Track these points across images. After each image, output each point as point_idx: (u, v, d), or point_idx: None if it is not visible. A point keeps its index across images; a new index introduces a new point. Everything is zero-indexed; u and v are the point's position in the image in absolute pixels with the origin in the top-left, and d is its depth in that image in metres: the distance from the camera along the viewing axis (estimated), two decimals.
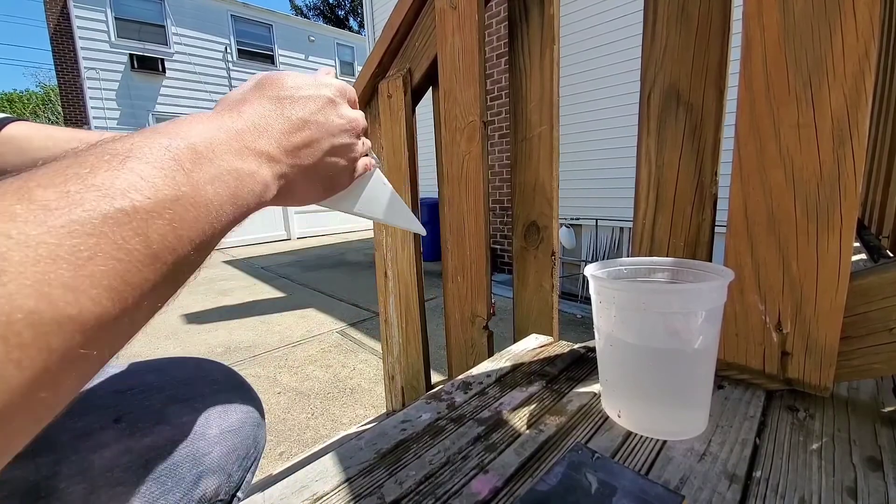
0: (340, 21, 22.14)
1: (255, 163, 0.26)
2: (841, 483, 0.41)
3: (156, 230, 0.19)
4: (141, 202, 0.18)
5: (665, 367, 0.47)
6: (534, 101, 0.85)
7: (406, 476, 0.45)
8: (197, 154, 0.22)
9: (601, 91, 3.62)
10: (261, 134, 0.27)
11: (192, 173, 0.21)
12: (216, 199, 0.22)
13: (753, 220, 0.56)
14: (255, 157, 0.26)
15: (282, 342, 2.81)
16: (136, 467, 0.33)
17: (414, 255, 1.12)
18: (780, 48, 0.51)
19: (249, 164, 0.25)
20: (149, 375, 0.40)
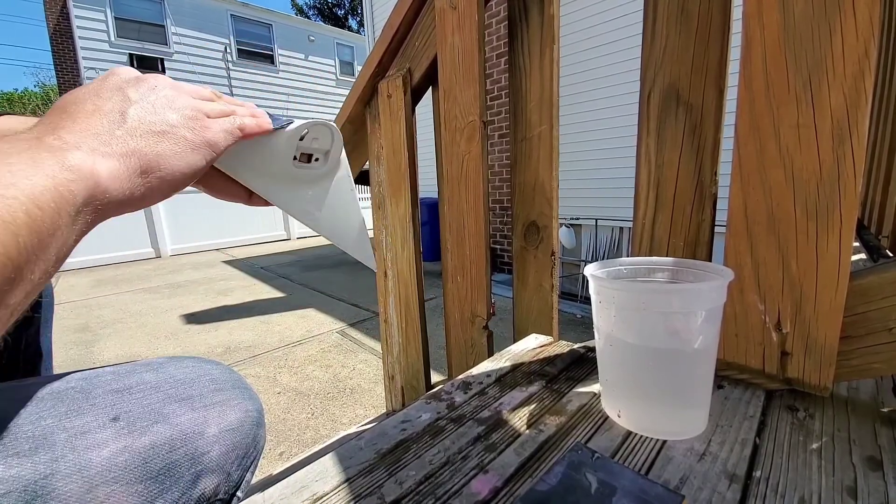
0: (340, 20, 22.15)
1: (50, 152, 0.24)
2: (841, 483, 0.41)
3: None
4: None
5: (665, 366, 0.47)
6: (534, 100, 0.85)
7: (406, 476, 0.45)
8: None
9: (601, 91, 3.62)
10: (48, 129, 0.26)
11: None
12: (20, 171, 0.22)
13: (753, 219, 0.56)
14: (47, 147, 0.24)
15: (282, 342, 2.81)
16: (134, 466, 0.33)
17: (414, 255, 1.12)
18: (780, 48, 0.51)
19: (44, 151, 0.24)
20: (147, 374, 0.40)
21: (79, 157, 0.24)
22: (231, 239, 7.52)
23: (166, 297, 4.13)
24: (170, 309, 3.68)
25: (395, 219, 1.15)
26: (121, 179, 0.26)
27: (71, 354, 2.69)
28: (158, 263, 6.13)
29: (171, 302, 3.92)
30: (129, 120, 0.28)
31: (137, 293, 4.32)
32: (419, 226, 1.13)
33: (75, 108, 0.28)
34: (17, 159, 0.22)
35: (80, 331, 3.16)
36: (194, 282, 4.76)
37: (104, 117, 0.27)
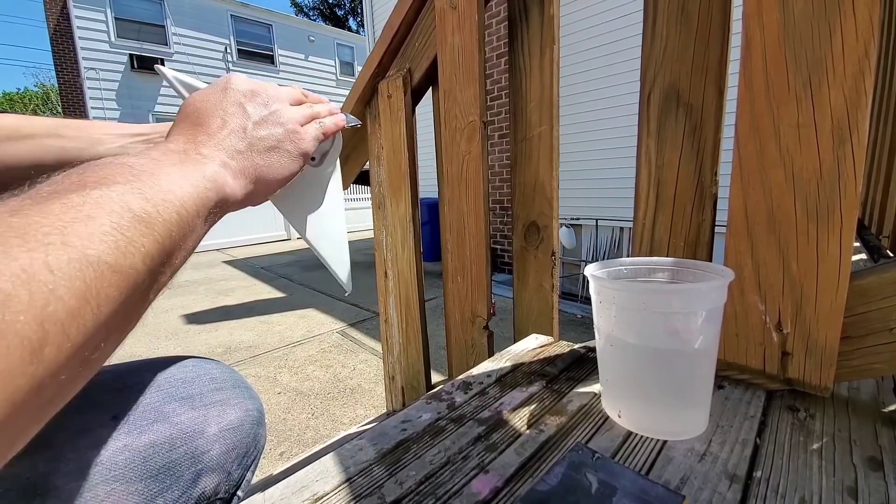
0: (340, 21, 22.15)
1: (194, 163, 0.31)
2: (841, 483, 0.41)
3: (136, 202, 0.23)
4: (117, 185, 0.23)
5: (665, 367, 0.47)
6: (534, 101, 0.85)
7: (406, 476, 0.45)
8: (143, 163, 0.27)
9: (601, 91, 3.62)
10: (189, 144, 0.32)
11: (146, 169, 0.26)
12: (175, 183, 0.27)
13: (753, 219, 0.56)
14: (191, 159, 0.31)
15: (282, 342, 2.81)
16: (135, 465, 0.33)
17: (414, 256, 1.12)
18: (780, 48, 0.51)
19: (190, 164, 0.30)
20: (148, 374, 0.40)
21: (213, 171, 0.31)
22: (231, 239, 7.52)
23: (166, 297, 4.13)
24: (170, 309, 3.69)
25: (396, 219, 1.15)
26: (240, 187, 0.33)
27: None
28: None
29: (172, 302, 3.92)
30: (249, 136, 0.35)
31: None
32: (419, 226, 1.13)
33: (207, 121, 0.34)
34: (171, 170, 0.28)
35: None
36: (194, 282, 4.76)
37: (231, 135, 0.34)
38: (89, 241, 0.20)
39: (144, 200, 0.24)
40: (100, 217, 0.21)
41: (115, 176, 0.24)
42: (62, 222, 0.19)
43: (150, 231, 0.24)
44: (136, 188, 0.24)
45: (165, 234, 0.25)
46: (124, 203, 0.23)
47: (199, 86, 0.43)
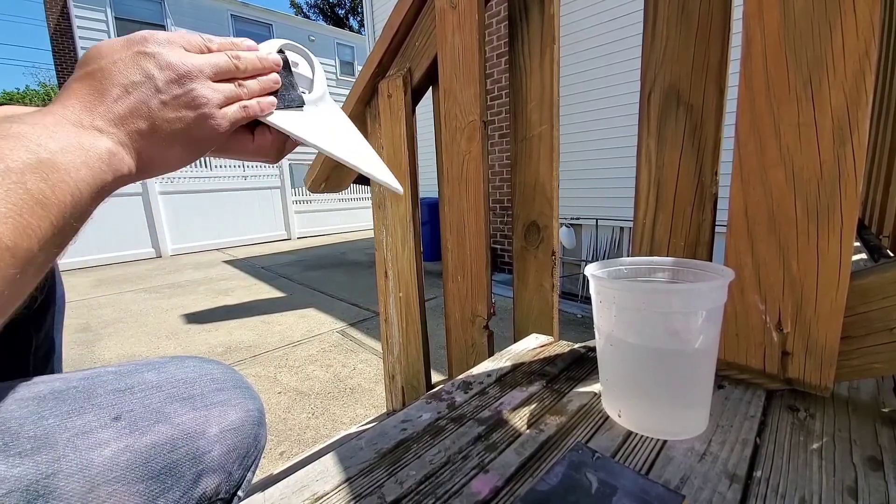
0: (340, 20, 22.13)
1: (90, 136, 0.29)
2: (841, 483, 0.41)
3: (32, 183, 0.24)
4: (12, 164, 0.24)
5: (665, 366, 0.47)
6: (534, 100, 0.85)
7: (406, 476, 0.45)
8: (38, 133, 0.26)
9: (601, 91, 3.62)
10: (85, 112, 0.29)
11: (44, 145, 0.26)
12: (71, 164, 0.27)
13: (754, 219, 0.56)
14: (87, 131, 0.29)
15: (282, 342, 2.81)
16: (136, 466, 0.33)
17: (414, 255, 1.12)
18: (781, 47, 0.51)
19: (84, 137, 0.28)
20: (148, 374, 0.40)
21: (109, 150, 0.29)
22: (231, 239, 7.52)
23: (167, 296, 4.13)
24: (170, 309, 3.69)
25: (396, 218, 1.15)
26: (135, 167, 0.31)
27: (72, 354, 2.69)
28: (159, 263, 6.13)
29: (172, 302, 3.92)
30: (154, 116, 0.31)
31: (138, 293, 4.32)
32: (419, 226, 1.13)
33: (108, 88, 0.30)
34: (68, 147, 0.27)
35: (80, 330, 3.16)
36: (195, 281, 4.76)
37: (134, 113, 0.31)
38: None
39: (42, 181, 0.24)
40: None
41: (13, 151, 0.24)
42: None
43: (47, 214, 0.24)
44: (33, 167, 0.24)
45: (59, 216, 0.25)
46: (22, 183, 0.23)
47: None
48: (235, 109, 0.35)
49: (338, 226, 9.19)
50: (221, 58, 0.35)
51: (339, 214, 9.24)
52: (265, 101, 0.38)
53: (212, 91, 0.34)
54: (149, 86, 0.31)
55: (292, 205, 8.30)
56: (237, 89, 0.36)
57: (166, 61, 0.32)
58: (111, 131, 0.30)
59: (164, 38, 0.33)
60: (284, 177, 8.11)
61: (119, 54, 0.31)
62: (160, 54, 0.32)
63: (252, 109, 0.36)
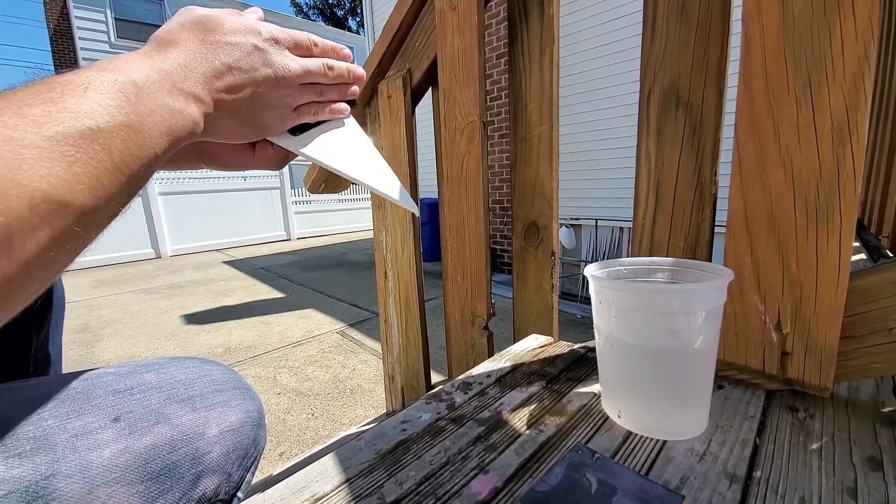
0: (340, 21, 22.14)
1: (184, 101, 0.29)
2: (841, 483, 0.41)
3: (115, 146, 0.24)
4: (103, 124, 0.24)
5: (665, 367, 0.47)
6: (533, 101, 0.85)
7: (406, 476, 0.45)
8: (138, 89, 0.27)
9: (601, 91, 3.62)
10: (188, 75, 0.30)
11: (135, 105, 0.26)
12: (154, 128, 0.27)
13: (753, 220, 0.56)
14: (183, 96, 0.29)
15: (282, 342, 2.81)
16: (135, 467, 0.33)
17: (414, 256, 1.12)
18: (780, 48, 0.51)
19: (179, 102, 0.29)
20: (148, 375, 0.40)
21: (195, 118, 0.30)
22: (231, 239, 7.52)
23: (166, 297, 4.13)
24: (170, 309, 3.69)
25: (395, 219, 1.15)
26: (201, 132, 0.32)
27: (71, 354, 2.69)
28: (159, 264, 6.13)
29: (172, 302, 3.92)
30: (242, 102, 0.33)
31: (138, 293, 4.32)
32: (419, 226, 1.13)
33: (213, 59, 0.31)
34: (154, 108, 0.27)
35: (80, 331, 3.16)
36: (194, 282, 4.76)
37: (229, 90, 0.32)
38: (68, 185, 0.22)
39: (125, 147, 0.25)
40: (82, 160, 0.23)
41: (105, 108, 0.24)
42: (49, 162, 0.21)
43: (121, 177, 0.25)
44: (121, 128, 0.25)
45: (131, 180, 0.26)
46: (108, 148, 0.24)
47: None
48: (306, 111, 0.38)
49: (337, 226, 9.19)
50: (316, 63, 0.38)
51: (339, 215, 9.25)
52: (336, 108, 0.41)
53: (296, 97, 0.37)
54: (250, 76, 0.33)
55: (292, 205, 8.30)
56: (316, 97, 0.39)
57: (271, 59, 0.34)
58: (206, 101, 0.31)
59: (277, 37, 0.35)
60: (284, 177, 8.11)
61: (237, 37, 0.33)
62: (268, 52, 0.34)
63: (320, 114, 0.40)
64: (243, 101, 0.33)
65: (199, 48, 0.31)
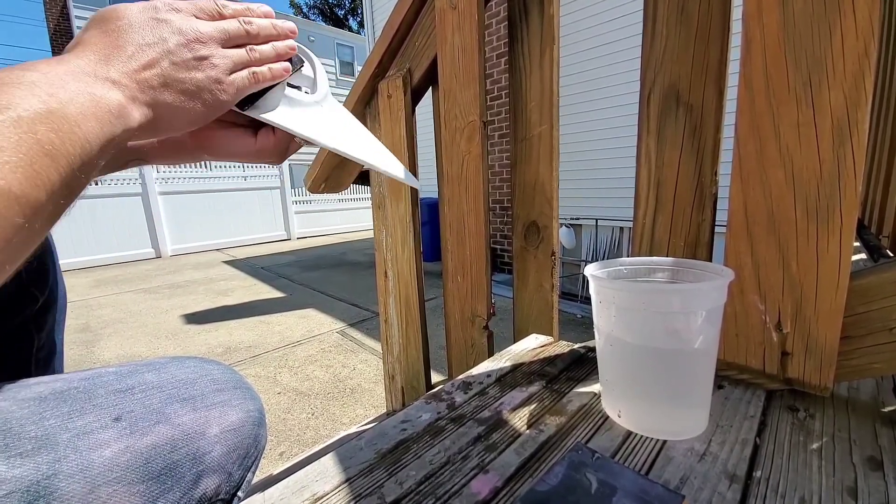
0: (340, 21, 22.13)
1: (102, 86, 0.29)
2: (841, 483, 0.41)
3: (42, 133, 0.24)
4: (23, 113, 0.24)
5: (665, 366, 0.47)
6: (534, 100, 0.85)
7: (406, 476, 0.45)
8: (52, 80, 0.27)
9: (601, 91, 3.62)
10: (99, 64, 0.30)
11: (53, 95, 0.26)
12: (80, 114, 0.27)
13: (753, 219, 0.56)
14: (100, 82, 0.29)
15: (282, 342, 2.81)
16: (136, 466, 0.33)
17: (414, 255, 1.12)
18: (780, 48, 0.51)
19: (97, 87, 0.29)
20: (149, 375, 0.40)
21: (120, 102, 0.29)
22: (231, 239, 7.52)
23: (166, 297, 4.13)
24: (170, 309, 3.69)
25: (396, 219, 1.15)
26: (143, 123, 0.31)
27: (71, 354, 2.69)
28: (159, 263, 6.13)
29: (172, 302, 3.92)
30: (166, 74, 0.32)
31: (138, 293, 4.32)
32: (419, 226, 1.13)
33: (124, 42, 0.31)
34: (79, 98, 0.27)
35: (80, 331, 3.16)
36: (194, 282, 4.76)
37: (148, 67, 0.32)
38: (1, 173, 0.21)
39: (51, 131, 0.24)
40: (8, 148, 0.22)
41: (24, 100, 0.24)
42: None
43: (55, 164, 0.24)
44: (43, 116, 0.24)
45: (67, 167, 0.25)
46: (33, 133, 0.24)
47: None
48: (245, 75, 0.36)
49: (338, 226, 9.19)
50: (232, 24, 0.36)
51: (339, 215, 9.25)
52: (276, 67, 0.38)
53: (220, 57, 0.35)
54: (161, 47, 0.32)
55: (292, 205, 8.30)
56: (247, 55, 0.36)
57: (177, 27, 0.33)
58: (124, 83, 0.30)
59: (176, 6, 0.34)
60: (284, 177, 8.11)
61: (135, 17, 0.32)
62: (172, 21, 0.33)
63: (261, 75, 0.37)
64: (167, 75, 0.32)
65: (104, 38, 0.31)
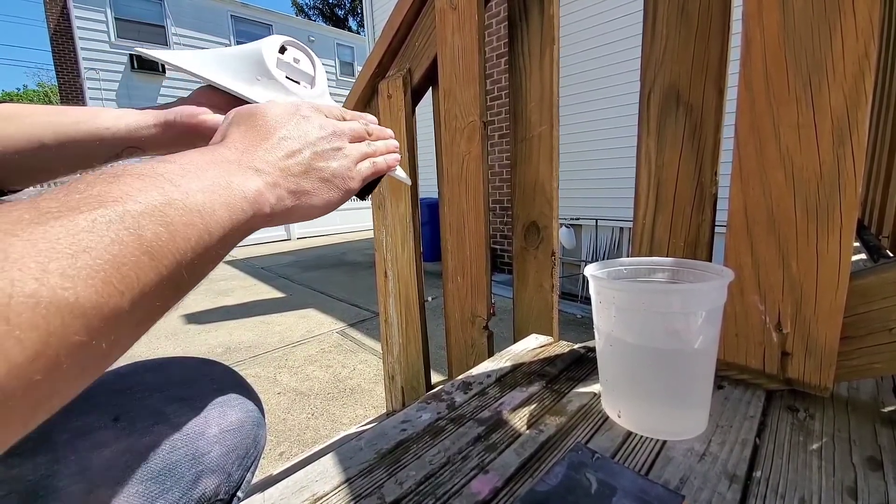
0: (340, 21, 22.13)
1: (242, 176, 0.28)
2: (841, 483, 0.41)
3: (148, 228, 0.21)
4: (134, 207, 0.20)
5: (665, 367, 0.47)
6: (534, 101, 0.85)
7: (406, 476, 0.45)
8: (185, 171, 0.25)
9: (601, 91, 3.62)
10: (246, 153, 0.30)
11: (180, 185, 0.23)
12: (208, 204, 0.24)
13: (753, 220, 0.56)
14: (242, 170, 0.29)
15: (282, 342, 2.81)
16: (136, 466, 0.33)
17: (414, 255, 1.12)
18: (780, 48, 0.51)
19: (237, 176, 0.28)
20: (148, 375, 0.40)
21: (259, 188, 0.29)
22: None
23: None
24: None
25: (396, 219, 1.15)
26: (278, 210, 0.31)
27: None
28: None
29: None
30: (307, 163, 0.34)
31: None
32: (419, 226, 1.13)
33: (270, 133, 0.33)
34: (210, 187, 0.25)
35: None
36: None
37: (293, 155, 0.33)
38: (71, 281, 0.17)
39: (161, 224, 0.21)
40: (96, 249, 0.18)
41: (142, 192, 0.21)
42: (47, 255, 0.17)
43: (155, 264, 0.20)
44: (156, 209, 0.21)
45: (173, 265, 0.21)
46: (136, 229, 0.20)
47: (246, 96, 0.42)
48: (367, 165, 0.40)
49: (338, 226, 9.19)
50: (356, 124, 0.40)
51: (339, 215, 9.24)
52: (391, 158, 0.43)
53: (352, 149, 0.38)
54: (304, 139, 0.34)
55: None
56: (367, 148, 0.40)
57: (319, 122, 0.36)
58: (267, 171, 0.30)
59: (315, 106, 0.38)
60: None
61: (280, 113, 0.35)
62: (314, 117, 0.36)
63: (379, 165, 0.41)
64: (304, 163, 0.34)
65: (250, 132, 0.32)
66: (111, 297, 0.18)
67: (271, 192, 0.30)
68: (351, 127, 0.39)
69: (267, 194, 0.30)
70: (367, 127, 0.41)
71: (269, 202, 0.30)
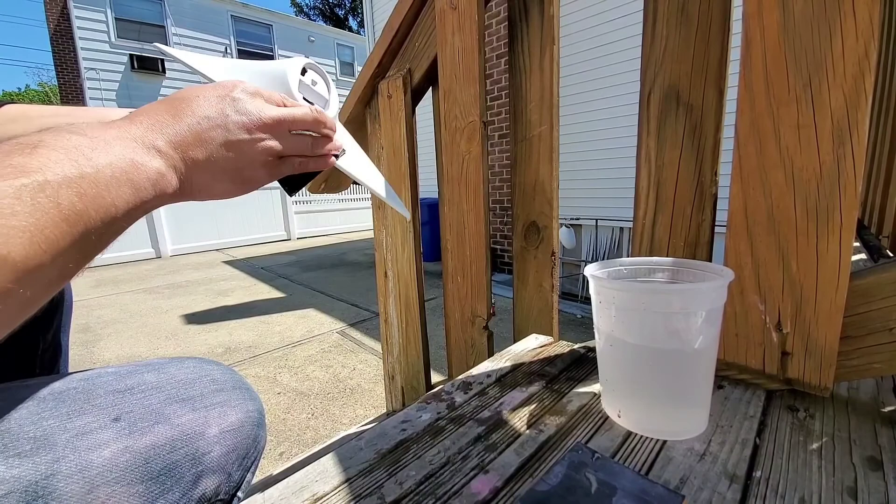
0: (340, 21, 22.14)
1: (146, 154, 0.29)
2: (841, 483, 0.41)
3: (65, 197, 0.24)
4: (52, 177, 0.23)
5: (665, 367, 0.47)
6: (534, 101, 0.85)
7: (406, 476, 0.45)
8: (94, 143, 0.27)
9: (601, 91, 3.62)
10: (150, 131, 0.30)
11: (94, 159, 0.26)
12: (114, 179, 0.26)
13: (753, 220, 0.56)
14: (144, 148, 0.29)
15: (282, 342, 2.81)
16: (135, 467, 0.33)
17: (414, 255, 1.12)
18: (780, 48, 0.51)
19: (139, 154, 0.29)
20: (148, 375, 0.40)
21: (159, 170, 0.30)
22: (231, 239, 7.52)
23: (167, 297, 4.13)
24: (170, 309, 3.68)
25: (396, 219, 1.15)
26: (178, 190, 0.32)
27: (72, 355, 2.68)
28: (159, 264, 6.13)
29: (172, 302, 3.92)
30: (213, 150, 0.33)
31: (138, 293, 4.32)
32: (419, 226, 1.13)
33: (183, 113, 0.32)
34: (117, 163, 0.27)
35: (80, 331, 3.16)
36: (194, 282, 4.76)
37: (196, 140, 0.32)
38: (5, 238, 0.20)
39: (76, 196, 0.24)
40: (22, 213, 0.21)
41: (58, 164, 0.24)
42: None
43: (70, 230, 0.24)
44: (71, 181, 0.24)
45: (83, 233, 0.25)
46: (55, 198, 0.23)
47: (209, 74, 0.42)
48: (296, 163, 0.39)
49: (338, 226, 9.19)
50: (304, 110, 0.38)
51: (339, 215, 9.24)
52: (321, 161, 0.41)
53: (271, 145, 0.36)
54: (219, 122, 0.33)
55: (292, 205, 8.29)
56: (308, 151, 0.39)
57: (244, 108, 0.34)
58: (169, 153, 0.30)
59: (251, 89, 0.36)
60: None
61: (205, 93, 0.34)
62: (241, 100, 0.34)
63: (305, 164, 0.40)
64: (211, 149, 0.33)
65: (164, 108, 0.32)
66: (36, 255, 0.22)
67: (172, 175, 0.31)
68: (293, 115, 0.37)
69: (168, 177, 0.30)
70: (317, 114, 0.39)
71: (171, 184, 0.31)
